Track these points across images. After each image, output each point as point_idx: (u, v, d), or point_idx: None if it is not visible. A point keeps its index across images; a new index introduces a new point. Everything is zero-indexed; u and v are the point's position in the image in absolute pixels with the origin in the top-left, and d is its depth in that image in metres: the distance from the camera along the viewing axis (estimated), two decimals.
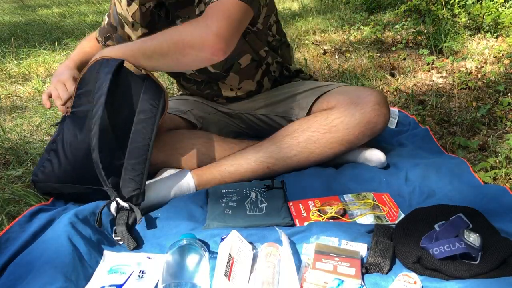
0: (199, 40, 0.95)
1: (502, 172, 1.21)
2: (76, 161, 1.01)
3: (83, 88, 1.03)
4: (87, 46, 1.37)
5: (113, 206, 1.00)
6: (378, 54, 2.53)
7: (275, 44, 1.28)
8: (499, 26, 2.52)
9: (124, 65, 1.03)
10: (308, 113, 1.23)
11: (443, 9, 2.86)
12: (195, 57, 0.98)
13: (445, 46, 2.36)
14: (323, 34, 3.14)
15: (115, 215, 0.98)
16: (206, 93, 1.36)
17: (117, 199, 0.94)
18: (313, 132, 1.12)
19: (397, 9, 3.28)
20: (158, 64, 1.04)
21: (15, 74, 2.47)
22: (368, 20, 3.26)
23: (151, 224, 0.98)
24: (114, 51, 1.04)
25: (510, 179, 1.21)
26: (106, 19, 1.34)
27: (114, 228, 0.93)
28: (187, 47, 0.97)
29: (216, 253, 0.83)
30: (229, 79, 1.28)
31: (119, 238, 0.92)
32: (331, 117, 1.12)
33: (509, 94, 1.77)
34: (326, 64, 2.41)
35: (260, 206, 1.03)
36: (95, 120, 0.96)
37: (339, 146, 1.12)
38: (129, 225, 0.93)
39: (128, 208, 0.94)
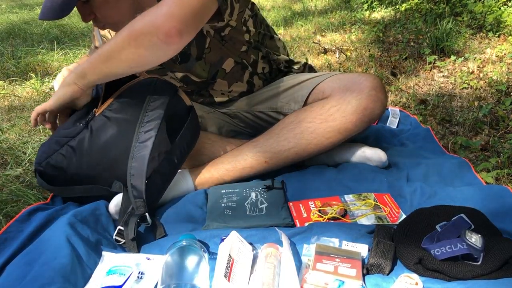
0: (149, 24, 0.89)
1: (504, 172, 1.20)
2: (101, 161, 1.01)
3: (128, 98, 1.04)
4: None
5: (113, 208, 0.99)
6: (379, 53, 2.52)
7: (257, 39, 1.25)
8: (501, 25, 2.51)
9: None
10: (305, 106, 1.21)
11: (445, 8, 2.85)
12: (149, 44, 0.90)
13: (447, 45, 2.35)
14: (323, 33, 3.13)
15: (116, 217, 0.99)
16: (200, 101, 1.37)
17: (146, 214, 0.94)
18: (310, 123, 1.10)
19: (398, 8, 3.28)
20: (117, 64, 0.96)
21: (13, 73, 2.46)
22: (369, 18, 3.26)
23: (150, 224, 0.97)
24: (77, 68, 1.01)
25: None
26: (92, 44, 1.39)
27: (118, 228, 0.93)
28: (139, 35, 0.90)
29: (216, 254, 0.83)
30: (218, 85, 1.28)
31: (120, 239, 0.92)
32: (327, 106, 1.10)
33: (511, 93, 1.76)
34: (327, 63, 2.40)
35: (260, 206, 1.02)
36: (148, 136, 0.99)
37: (337, 135, 1.10)
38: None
39: (150, 223, 0.95)
